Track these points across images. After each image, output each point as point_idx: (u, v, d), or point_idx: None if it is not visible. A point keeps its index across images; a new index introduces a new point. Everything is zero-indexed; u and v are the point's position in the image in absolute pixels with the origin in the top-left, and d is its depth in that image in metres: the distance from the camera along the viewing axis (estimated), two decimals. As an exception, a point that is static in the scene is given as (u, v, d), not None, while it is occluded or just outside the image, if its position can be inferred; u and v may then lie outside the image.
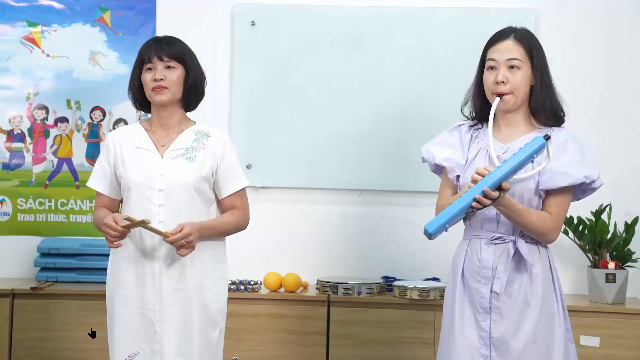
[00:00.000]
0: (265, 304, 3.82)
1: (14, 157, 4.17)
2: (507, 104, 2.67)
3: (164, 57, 2.87)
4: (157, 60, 2.86)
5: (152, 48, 2.88)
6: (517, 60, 2.65)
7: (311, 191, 4.16)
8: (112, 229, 2.73)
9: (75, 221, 4.19)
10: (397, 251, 4.10)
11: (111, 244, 2.78)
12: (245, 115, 4.14)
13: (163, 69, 2.87)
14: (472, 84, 2.78)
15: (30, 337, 3.78)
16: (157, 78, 2.85)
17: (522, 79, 2.65)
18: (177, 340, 2.82)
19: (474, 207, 2.50)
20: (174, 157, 2.88)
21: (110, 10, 4.20)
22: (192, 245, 2.76)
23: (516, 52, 2.65)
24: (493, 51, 2.68)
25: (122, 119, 4.18)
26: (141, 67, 2.90)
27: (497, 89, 2.65)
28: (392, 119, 4.10)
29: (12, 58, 4.18)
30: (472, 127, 2.78)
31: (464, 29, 4.04)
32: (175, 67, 2.88)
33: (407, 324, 3.74)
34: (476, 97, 2.76)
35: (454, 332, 2.67)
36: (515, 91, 2.65)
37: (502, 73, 2.64)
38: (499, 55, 2.66)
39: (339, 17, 4.12)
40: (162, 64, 2.87)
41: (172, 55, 2.88)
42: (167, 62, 2.87)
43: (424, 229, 2.51)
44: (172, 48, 2.89)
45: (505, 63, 2.65)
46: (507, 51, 2.65)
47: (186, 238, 2.73)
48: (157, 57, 2.86)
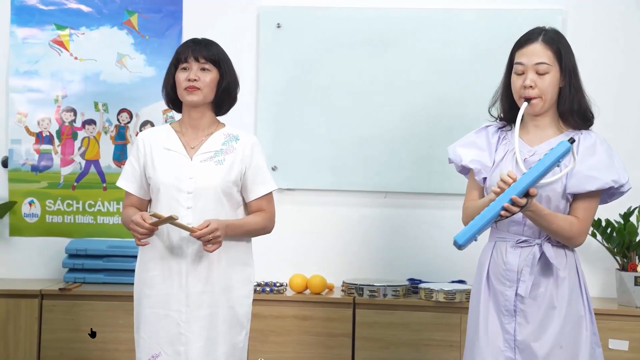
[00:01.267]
0: (290, 305, 3.83)
1: (42, 159, 4.21)
2: (535, 108, 2.65)
3: (200, 58, 2.88)
4: (193, 61, 2.88)
5: (190, 49, 2.90)
6: (545, 65, 2.62)
7: (336, 193, 4.16)
8: (139, 226, 2.75)
9: (102, 223, 4.22)
10: (422, 253, 4.09)
11: (139, 242, 2.80)
12: (271, 117, 4.15)
13: (198, 70, 2.88)
14: (500, 85, 2.77)
15: (59, 338, 3.81)
16: (191, 78, 2.87)
17: (551, 82, 2.63)
18: (203, 342, 2.83)
19: (502, 215, 2.49)
20: (203, 160, 2.90)
21: (138, 13, 4.23)
22: (218, 241, 2.76)
23: (544, 56, 2.62)
24: (521, 55, 2.66)
25: (148, 121, 4.21)
26: (176, 66, 2.92)
27: (525, 93, 2.63)
28: (418, 121, 4.09)
29: (41, 61, 4.21)
30: (500, 129, 2.77)
31: (490, 31, 4.02)
32: (210, 69, 2.90)
33: (433, 326, 3.73)
34: (504, 99, 2.74)
35: (479, 335, 2.66)
36: (544, 95, 2.63)
37: (530, 77, 2.62)
38: (527, 59, 2.63)
39: (364, 19, 4.12)
40: (198, 65, 2.89)
41: (208, 57, 2.89)
42: (202, 64, 2.89)
43: (454, 241, 2.50)
44: (209, 50, 2.91)
45: (534, 67, 2.62)
46: (535, 55, 2.63)
47: (213, 233, 2.74)
48: (194, 57, 2.88)
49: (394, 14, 4.10)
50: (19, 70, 4.20)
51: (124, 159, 4.19)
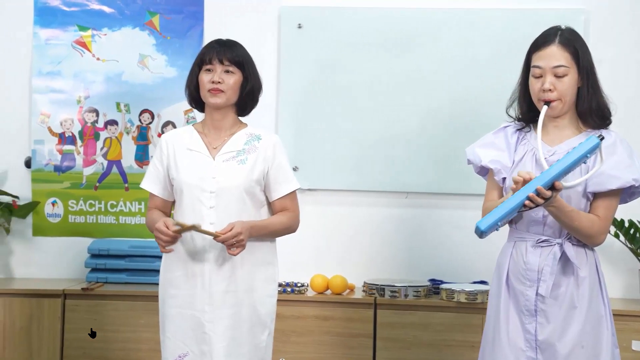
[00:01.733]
0: (311, 305, 3.83)
1: (65, 160, 4.24)
2: (555, 110, 2.63)
3: (224, 60, 2.89)
4: (217, 63, 2.89)
5: (215, 50, 2.91)
6: (563, 67, 2.60)
7: (357, 193, 4.15)
8: (163, 234, 2.76)
9: (124, 223, 4.24)
10: (444, 254, 4.08)
11: (163, 249, 2.81)
12: (292, 118, 4.15)
13: (222, 72, 2.89)
14: (517, 87, 2.75)
15: (82, 337, 3.83)
16: (214, 80, 2.88)
17: (569, 85, 2.61)
18: (226, 341, 2.84)
19: (526, 205, 2.47)
20: (226, 160, 2.91)
21: (159, 14, 4.24)
22: (242, 244, 2.78)
23: (562, 59, 2.61)
24: (538, 58, 2.63)
25: (170, 121, 4.23)
26: (200, 67, 2.92)
27: (544, 97, 2.62)
28: (439, 121, 4.08)
29: (64, 62, 4.24)
30: (519, 129, 2.76)
31: (512, 31, 4.00)
32: (234, 72, 2.90)
33: (455, 327, 3.72)
34: (522, 100, 2.73)
35: (499, 335, 2.65)
36: (563, 97, 2.62)
37: (549, 80, 2.60)
38: (544, 63, 2.61)
39: (385, 19, 4.11)
40: (222, 67, 2.89)
41: (232, 59, 2.90)
42: (227, 66, 2.89)
43: (476, 227, 2.49)
44: (234, 52, 2.91)
45: (552, 70, 2.60)
46: (552, 58, 2.61)
47: (236, 237, 2.75)
48: (218, 59, 2.89)
49: (415, 14, 4.10)
50: (42, 71, 4.23)
51: (146, 160, 4.21)
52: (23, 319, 3.84)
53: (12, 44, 4.24)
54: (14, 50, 4.24)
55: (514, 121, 2.77)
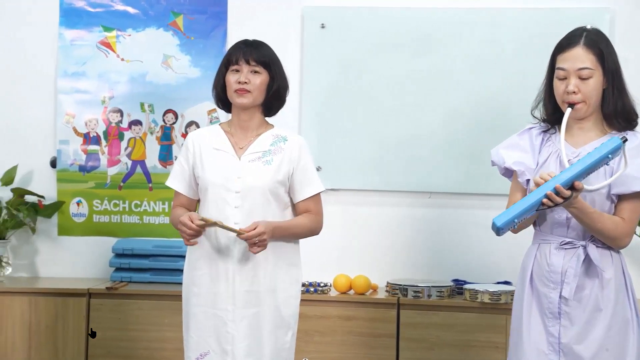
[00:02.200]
0: (334, 305, 3.83)
1: (89, 160, 4.27)
2: (579, 112, 2.61)
3: (251, 61, 2.90)
4: (243, 63, 2.90)
5: (241, 50, 2.91)
6: (588, 69, 2.57)
7: (380, 193, 4.15)
8: (187, 227, 2.77)
9: (148, 222, 4.26)
10: (467, 254, 4.06)
11: (187, 242, 2.83)
12: (315, 118, 4.15)
13: (249, 72, 2.90)
14: (542, 88, 2.73)
15: (106, 336, 3.86)
16: (241, 81, 2.88)
17: (594, 87, 2.59)
18: (248, 341, 2.85)
19: (544, 203, 2.45)
20: (251, 160, 2.91)
21: (183, 15, 4.26)
22: (264, 244, 2.78)
23: (586, 61, 2.58)
24: (563, 60, 2.61)
25: (194, 121, 4.24)
26: (227, 67, 2.93)
27: (568, 99, 2.60)
28: (463, 121, 4.07)
29: (89, 62, 4.27)
30: (544, 131, 2.74)
31: (536, 30, 3.97)
32: (261, 72, 2.91)
33: (478, 327, 3.71)
34: (547, 102, 2.71)
35: (522, 337, 2.64)
36: (588, 100, 2.59)
37: (574, 83, 2.58)
38: (569, 65, 2.59)
39: (408, 19, 4.10)
40: (249, 68, 2.90)
41: (259, 60, 2.91)
42: (253, 67, 2.90)
43: (492, 223, 2.48)
44: (260, 53, 2.92)
45: (576, 72, 2.58)
46: (577, 59, 2.58)
47: (260, 236, 2.76)
48: (245, 60, 2.90)
49: (439, 13, 4.08)
50: (67, 71, 4.26)
51: (170, 160, 4.23)
52: (48, 317, 3.87)
53: (38, 45, 4.28)
54: (39, 51, 4.28)
55: (539, 123, 2.75)
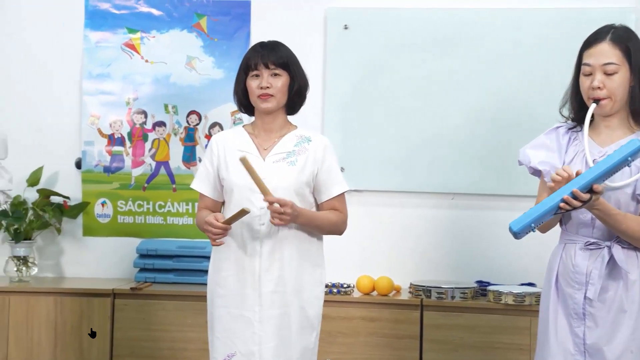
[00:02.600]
0: (358, 307, 3.83)
1: (114, 161, 4.29)
2: (604, 108, 2.60)
3: (270, 64, 2.89)
4: (263, 68, 2.90)
5: (259, 54, 2.91)
6: (613, 65, 2.56)
7: (404, 194, 4.14)
8: (213, 226, 2.78)
9: (172, 223, 4.28)
10: (491, 255, 4.05)
11: (214, 242, 2.83)
12: (338, 118, 4.15)
13: (269, 76, 2.90)
14: (569, 86, 2.71)
15: (131, 337, 3.88)
16: (263, 86, 2.88)
17: (620, 83, 2.57)
18: (275, 342, 2.85)
19: (562, 207, 2.44)
20: (276, 161, 2.91)
21: (207, 16, 4.28)
22: (285, 218, 2.75)
23: (612, 56, 2.56)
24: (588, 55, 2.60)
25: (217, 122, 4.26)
26: (247, 73, 2.93)
27: (593, 94, 2.58)
28: (486, 121, 4.05)
29: (113, 64, 4.30)
30: (571, 129, 2.72)
31: (560, 30, 3.96)
32: (281, 74, 2.91)
33: (502, 329, 3.69)
34: (574, 99, 2.69)
35: (549, 338, 2.63)
36: (613, 96, 2.58)
37: (598, 78, 2.57)
38: (594, 60, 2.58)
39: (431, 20, 4.09)
40: (268, 72, 2.90)
41: (277, 62, 2.90)
42: (273, 70, 2.90)
43: (509, 227, 2.47)
44: (278, 54, 2.91)
45: (601, 68, 2.57)
46: (602, 55, 2.57)
47: (284, 208, 2.73)
48: (264, 64, 2.89)
49: (461, 14, 4.07)
50: (92, 73, 4.29)
51: (193, 161, 4.25)
52: (74, 317, 3.90)
53: (64, 47, 4.31)
54: (65, 53, 4.31)
55: (567, 121, 2.74)
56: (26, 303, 3.90)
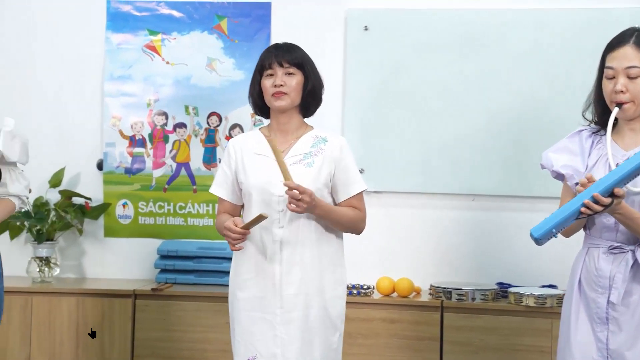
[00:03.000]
0: (378, 308, 3.83)
1: (135, 162, 4.31)
2: (627, 112, 2.57)
3: (284, 63, 2.91)
4: (277, 67, 2.91)
5: (273, 54, 2.92)
6: (636, 69, 2.53)
7: (424, 196, 4.13)
8: (232, 232, 2.79)
9: (192, 224, 4.29)
10: (512, 257, 4.03)
11: (233, 247, 2.83)
12: (358, 120, 4.15)
13: (283, 75, 2.90)
14: (593, 89, 2.69)
15: (151, 337, 3.90)
16: (277, 84, 2.89)
17: None
18: (298, 343, 2.85)
19: (583, 212, 2.42)
20: (293, 163, 2.91)
21: (227, 18, 4.29)
22: (302, 205, 2.74)
23: (635, 59, 2.54)
24: (611, 58, 2.58)
25: (237, 124, 4.27)
26: (261, 73, 2.94)
27: (616, 98, 2.56)
28: (507, 123, 4.03)
29: (134, 66, 4.32)
30: (594, 133, 2.69)
31: (584, 30, 3.93)
32: (295, 73, 2.92)
33: (523, 331, 3.68)
34: (597, 103, 2.67)
35: (570, 342, 2.61)
36: (636, 99, 2.55)
37: (621, 82, 2.54)
38: (617, 63, 2.56)
39: (451, 21, 4.08)
40: (282, 70, 2.91)
41: (292, 61, 2.91)
42: (287, 69, 2.91)
43: (530, 233, 2.46)
44: (292, 54, 2.93)
45: (624, 71, 2.54)
46: (625, 59, 2.54)
47: (303, 195, 2.73)
48: (278, 63, 2.91)
49: (483, 15, 4.06)
50: (114, 75, 4.32)
51: (214, 162, 4.26)
52: (95, 318, 3.92)
53: (86, 49, 4.34)
54: (87, 55, 4.34)
55: (590, 124, 2.72)
56: (48, 303, 3.93)
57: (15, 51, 4.37)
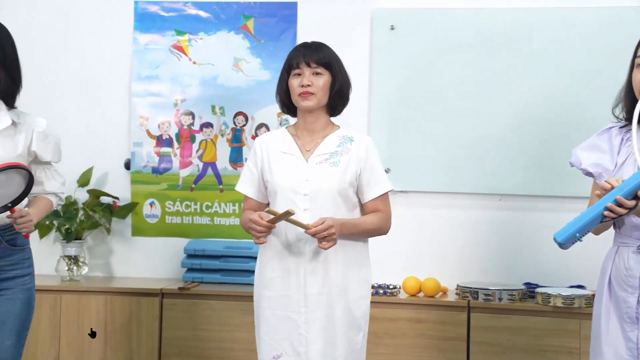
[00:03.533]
0: (404, 308, 3.82)
1: (162, 162, 4.34)
2: None
3: (311, 63, 2.91)
4: (304, 66, 2.91)
5: (301, 54, 2.93)
6: None
7: (450, 195, 4.12)
8: (257, 224, 2.79)
9: (219, 224, 4.31)
10: (539, 257, 4.01)
11: (257, 240, 2.84)
12: (384, 119, 4.15)
13: (310, 75, 2.91)
14: (624, 84, 2.66)
15: (178, 336, 3.92)
16: (304, 84, 2.90)
17: None
18: (322, 343, 2.85)
19: (606, 216, 2.40)
20: (319, 162, 2.92)
21: (254, 18, 4.30)
22: (333, 238, 2.77)
23: None
24: None
25: (264, 123, 4.28)
26: (289, 72, 2.95)
27: None
28: (534, 122, 4.01)
29: (162, 66, 4.34)
30: (623, 130, 2.67)
31: (612, 28, 3.90)
32: (323, 73, 2.92)
33: (551, 332, 3.66)
34: (627, 98, 2.63)
35: (601, 341, 2.59)
36: None
37: None
38: None
39: (478, 20, 4.06)
40: (310, 70, 2.91)
41: (319, 61, 2.92)
42: (314, 69, 2.91)
43: (554, 238, 2.44)
44: (320, 54, 2.93)
45: None
46: None
47: (328, 230, 2.75)
48: (305, 63, 2.91)
49: (509, 13, 4.04)
50: (141, 75, 4.34)
51: (240, 162, 4.27)
52: (123, 316, 3.95)
53: (114, 50, 4.37)
54: (115, 56, 4.37)
55: (620, 121, 2.69)
56: (77, 302, 3.96)
57: (44, 53, 4.41)
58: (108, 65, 4.37)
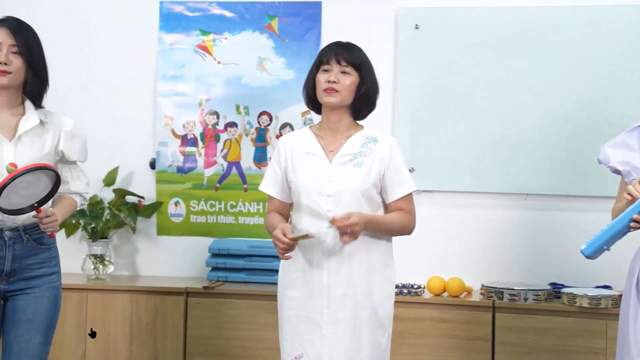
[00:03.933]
0: (429, 308, 3.81)
1: (187, 161, 4.35)
2: None
3: (341, 61, 2.91)
4: (334, 63, 2.91)
5: (333, 51, 2.93)
6: None
7: (475, 195, 4.11)
8: (280, 242, 2.79)
9: (243, 223, 4.32)
10: (565, 257, 3.98)
11: (282, 256, 2.84)
12: (409, 119, 4.14)
13: (338, 72, 2.91)
14: None
15: (203, 335, 3.93)
16: (330, 80, 2.89)
17: None
18: (346, 344, 2.85)
19: (633, 227, 2.38)
20: (342, 163, 2.92)
21: (278, 18, 4.31)
22: (355, 235, 2.77)
23: None
24: None
25: (288, 123, 4.28)
26: (318, 68, 2.95)
27: None
28: (560, 121, 3.99)
29: (187, 66, 4.36)
30: None
31: (638, 26, 3.86)
32: (351, 73, 2.92)
33: (577, 332, 3.63)
34: None
35: (629, 341, 2.58)
36: None
37: None
38: None
39: (503, 19, 4.04)
40: (339, 68, 2.91)
41: (350, 60, 2.91)
42: (343, 67, 2.91)
43: (581, 251, 2.44)
44: (351, 54, 2.93)
45: None
46: None
47: (352, 227, 2.75)
48: (335, 60, 2.91)
49: (534, 12, 4.02)
50: (166, 75, 4.36)
51: (264, 161, 4.28)
52: (148, 315, 3.97)
53: (139, 50, 4.40)
54: (140, 56, 4.40)
55: None
56: (103, 300, 3.99)
57: (70, 53, 4.44)
58: (133, 65, 4.40)
